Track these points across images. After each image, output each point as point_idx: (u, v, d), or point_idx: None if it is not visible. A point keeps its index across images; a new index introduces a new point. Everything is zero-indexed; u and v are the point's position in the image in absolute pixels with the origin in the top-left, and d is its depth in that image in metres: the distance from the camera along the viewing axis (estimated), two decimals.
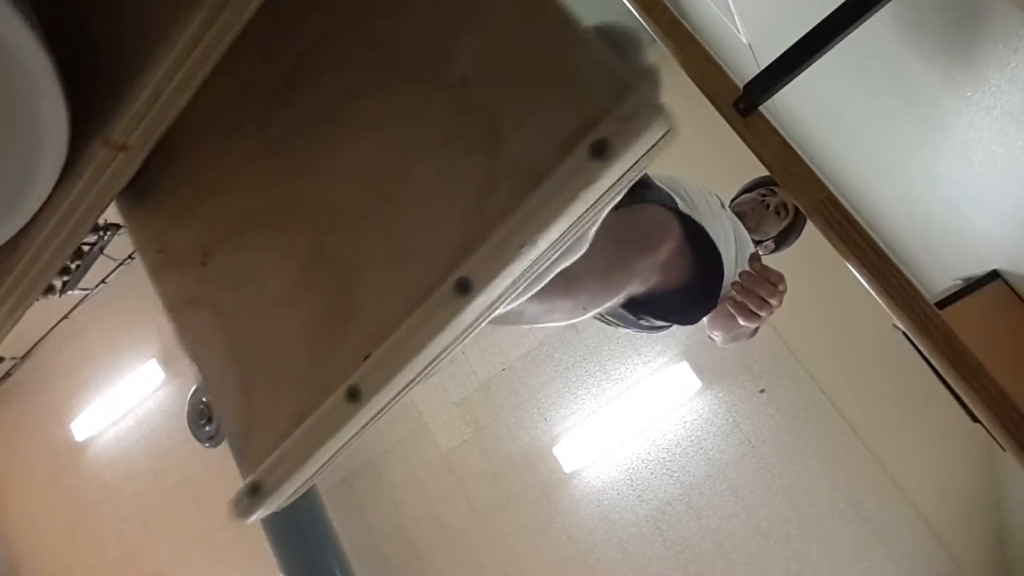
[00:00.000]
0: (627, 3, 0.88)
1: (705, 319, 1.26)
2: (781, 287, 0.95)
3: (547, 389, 3.49)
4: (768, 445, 3.13)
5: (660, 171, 1.19)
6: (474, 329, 0.37)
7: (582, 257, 0.82)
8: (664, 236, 0.93)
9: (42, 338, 4.61)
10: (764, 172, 0.80)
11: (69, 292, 3.55)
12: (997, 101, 1.07)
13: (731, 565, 3.10)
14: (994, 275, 1.72)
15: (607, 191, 0.33)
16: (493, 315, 0.38)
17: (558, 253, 0.36)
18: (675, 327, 1.11)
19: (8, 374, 4.71)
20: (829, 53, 0.77)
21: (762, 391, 3.15)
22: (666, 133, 0.31)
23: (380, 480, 3.72)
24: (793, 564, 3.01)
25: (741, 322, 0.99)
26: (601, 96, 0.31)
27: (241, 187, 0.42)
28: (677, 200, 1.18)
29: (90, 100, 0.38)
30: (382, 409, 0.37)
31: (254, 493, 0.38)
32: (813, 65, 0.78)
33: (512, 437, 3.52)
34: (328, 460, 0.38)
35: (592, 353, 3.45)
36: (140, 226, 0.46)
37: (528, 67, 0.33)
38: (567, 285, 0.80)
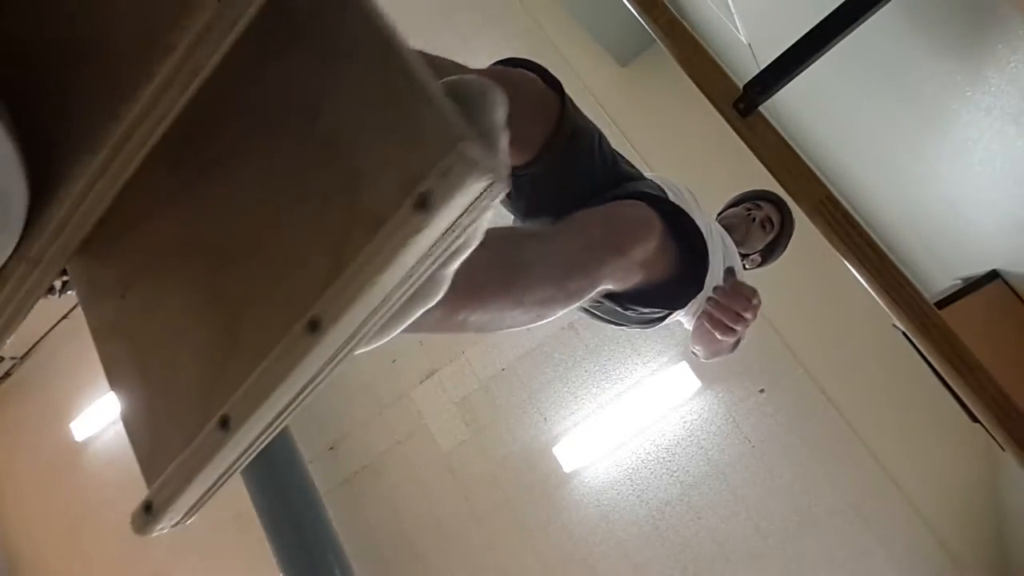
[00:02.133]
0: (627, 3, 0.88)
1: (689, 331, 1.25)
2: (755, 301, 0.97)
3: (547, 389, 3.49)
4: (768, 445, 3.12)
5: (659, 172, 1.19)
6: (335, 363, 0.39)
7: (535, 259, 0.80)
8: (639, 236, 0.90)
9: (42, 338, 4.61)
10: (764, 172, 0.80)
11: (69, 292, 3.54)
12: (997, 101, 1.07)
13: (731, 565, 3.10)
14: (994, 275, 1.72)
15: (439, 240, 0.36)
16: (362, 347, 0.41)
17: (406, 297, 0.39)
18: (668, 320, 1.11)
19: (8, 374, 4.71)
20: (829, 53, 0.77)
21: (762, 391, 3.15)
22: (489, 187, 0.34)
23: (380, 480, 3.72)
24: (793, 564, 3.01)
25: (718, 336, 1.00)
26: (434, 151, 0.34)
27: (153, 227, 0.46)
28: (668, 193, 1.17)
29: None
30: (257, 438, 0.40)
31: (147, 511, 0.41)
32: (813, 65, 0.78)
33: (512, 437, 3.52)
34: (214, 483, 0.41)
35: (592, 353, 3.45)
36: (74, 263, 0.50)
37: (384, 124, 0.37)
38: (511, 290, 0.75)
